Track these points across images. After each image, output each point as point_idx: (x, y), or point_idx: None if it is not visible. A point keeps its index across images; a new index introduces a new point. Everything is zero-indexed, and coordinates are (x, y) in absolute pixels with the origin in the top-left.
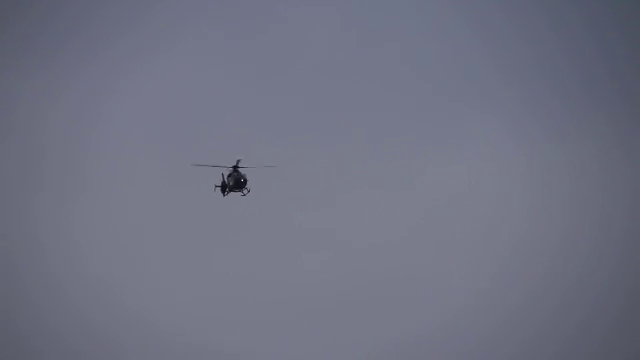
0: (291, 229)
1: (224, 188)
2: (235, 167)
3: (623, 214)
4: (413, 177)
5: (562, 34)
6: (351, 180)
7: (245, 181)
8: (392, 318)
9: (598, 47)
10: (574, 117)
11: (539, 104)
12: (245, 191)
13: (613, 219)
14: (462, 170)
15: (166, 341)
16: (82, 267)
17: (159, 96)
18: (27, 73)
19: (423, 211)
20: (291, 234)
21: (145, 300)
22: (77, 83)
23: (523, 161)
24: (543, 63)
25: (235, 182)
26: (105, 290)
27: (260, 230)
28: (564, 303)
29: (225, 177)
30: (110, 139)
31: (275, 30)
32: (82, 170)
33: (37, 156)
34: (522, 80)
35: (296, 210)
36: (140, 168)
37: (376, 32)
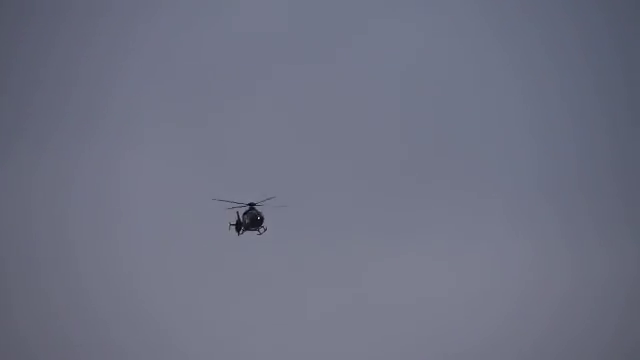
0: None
1: (239, 227)
2: (252, 204)
3: None
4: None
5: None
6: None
7: (262, 219)
8: None
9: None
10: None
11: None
12: (262, 229)
13: None
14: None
15: None
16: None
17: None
18: None
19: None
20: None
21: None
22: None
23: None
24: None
25: (251, 220)
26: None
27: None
28: None
29: (240, 215)
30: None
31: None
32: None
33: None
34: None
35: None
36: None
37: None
